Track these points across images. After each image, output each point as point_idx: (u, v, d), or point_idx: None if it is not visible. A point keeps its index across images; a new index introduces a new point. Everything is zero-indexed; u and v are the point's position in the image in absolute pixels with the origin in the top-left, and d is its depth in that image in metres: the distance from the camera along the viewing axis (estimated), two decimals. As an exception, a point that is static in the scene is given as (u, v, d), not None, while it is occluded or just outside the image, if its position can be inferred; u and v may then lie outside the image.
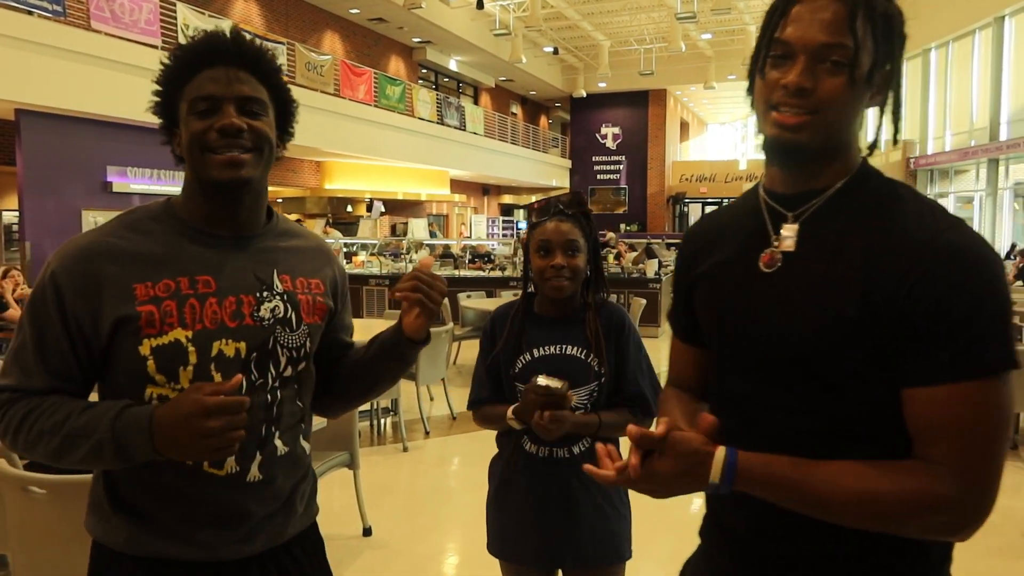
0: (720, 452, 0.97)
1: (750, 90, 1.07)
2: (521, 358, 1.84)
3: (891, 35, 1.01)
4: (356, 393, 1.47)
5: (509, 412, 1.77)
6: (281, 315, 1.26)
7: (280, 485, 1.28)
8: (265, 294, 1.25)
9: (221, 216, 1.25)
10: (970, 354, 0.92)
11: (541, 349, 1.83)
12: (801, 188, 1.06)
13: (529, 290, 1.91)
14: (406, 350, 1.35)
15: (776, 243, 1.06)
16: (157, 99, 1.23)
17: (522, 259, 2.00)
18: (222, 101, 1.18)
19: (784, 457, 0.98)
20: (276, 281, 1.27)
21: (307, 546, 1.37)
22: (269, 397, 1.25)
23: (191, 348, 1.18)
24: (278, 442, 1.26)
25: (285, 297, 1.27)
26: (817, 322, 1.00)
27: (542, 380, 1.67)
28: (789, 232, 1.05)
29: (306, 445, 1.35)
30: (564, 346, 1.82)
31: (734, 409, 1.09)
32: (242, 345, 1.21)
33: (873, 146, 1.08)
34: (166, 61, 1.22)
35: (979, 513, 0.93)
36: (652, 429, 0.98)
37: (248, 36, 1.26)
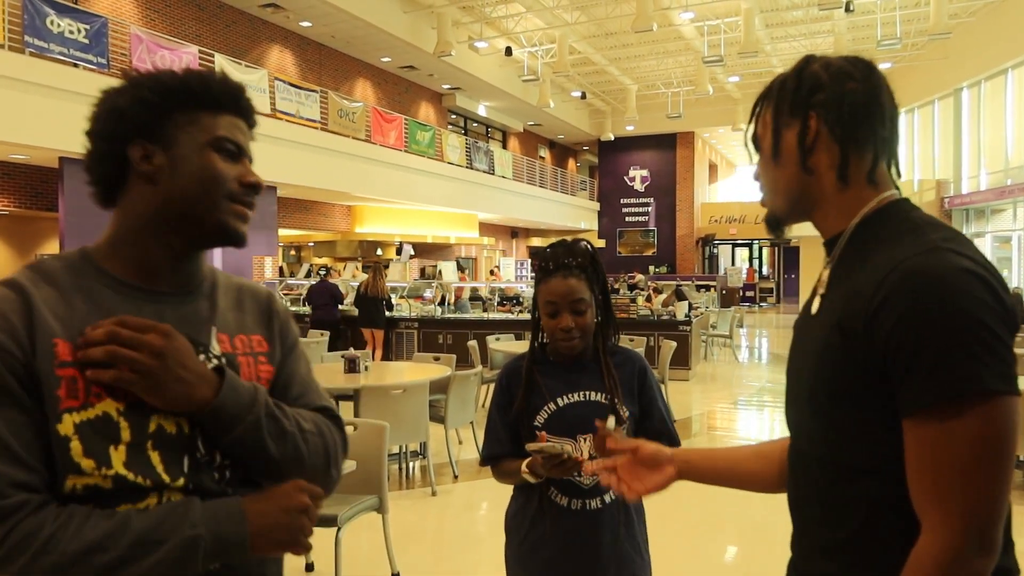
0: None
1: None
2: (546, 408, 1.80)
3: (792, 107, 1.10)
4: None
5: (523, 467, 1.72)
6: None
7: None
8: (201, 358, 1.04)
9: (172, 269, 1.08)
10: (923, 384, 0.91)
11: (565, 398, 1.80)
12: (826, 236, 1.14)
13: (538, 343, 1.89)
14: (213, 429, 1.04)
15: (819, 288, 1.13)
16: (139, 107, 1.05)
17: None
18: (243, 153, 1.10)
19: None
20: (213, 342, 1.09)
21: None
22: (217, 475, 1.05)
23: (123, 423, 0.96)
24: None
25: (223, 360, 1.08)
26: (818, 353, 1.05)
27: (534, 447, 1.64)
28: (824, 276, 1.12)
29: None
30: (587, 392, 1.80)
31: (791, 445, 1.17)
32: (184, 419, 1.02)
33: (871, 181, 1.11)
34: (178, 76, 1.08)
35: (975, 556, 0.90)
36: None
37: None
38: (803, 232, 1.21)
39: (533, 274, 1.91)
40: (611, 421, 1.68)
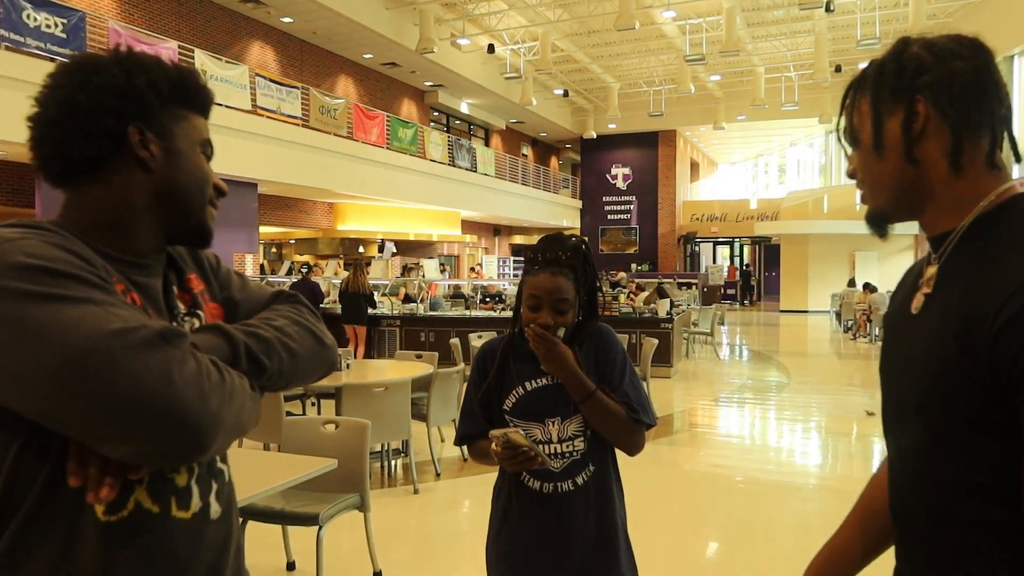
0: None
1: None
2: (514, 392, 1.81)
3: (894, 92, 1.01)
4: None
5: (492, 446, 1.70)
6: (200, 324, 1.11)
7: (235, 519, 1.14)
8: (180, 311, 1.10)
9: (155, 252, 1.09)
10: None
11: (533, 382, 1.81)
12: (934, 231, 1.04)
13: (517, 329, 1.88)
14: None
15: (923, 286, 1.04)
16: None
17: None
18: (211, 158, 1.14)
19: None
20: (174, 295, 1.11)
21: None
22: None
23: None
24: (222, 465, 1.13)
25: (192, 303, 1.12)
26: (926, 361, 0.96)
27: (497, 432, 1.65)
28: (929, 273, 1.03)
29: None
30: (555, 376, 1.79)
31: (889, 450, 1.11)
32: None
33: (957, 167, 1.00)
34: (186, 72, 1.09)
35: None
36: None
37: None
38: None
39: (524, 266, 1.90)
40: (561, 331, 1.77)
